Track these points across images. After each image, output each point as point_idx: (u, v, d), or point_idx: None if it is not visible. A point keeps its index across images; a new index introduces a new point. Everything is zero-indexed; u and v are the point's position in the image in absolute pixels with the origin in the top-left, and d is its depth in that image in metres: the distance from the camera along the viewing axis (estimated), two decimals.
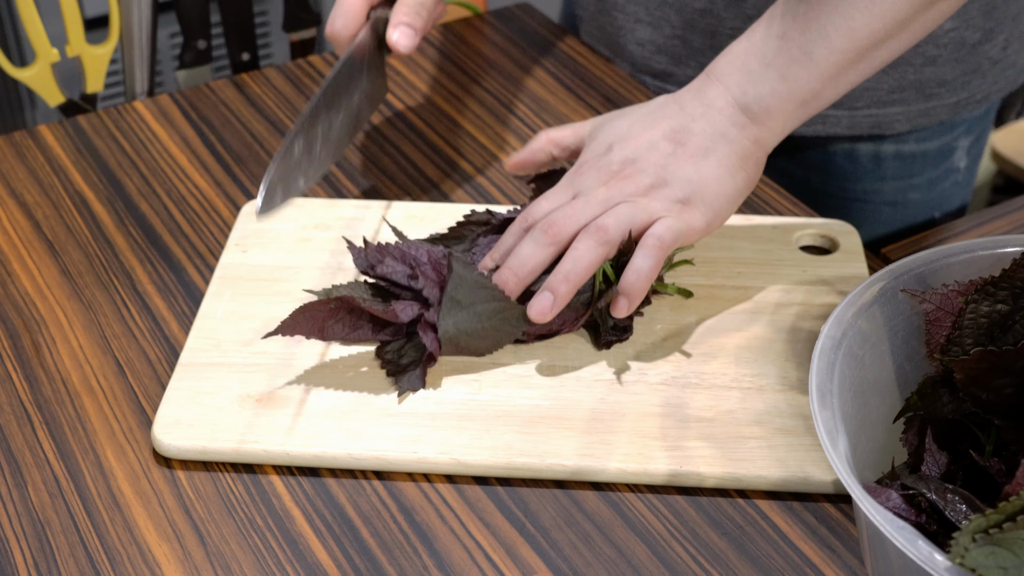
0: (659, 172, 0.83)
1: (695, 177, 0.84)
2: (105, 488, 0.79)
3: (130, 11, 1.21)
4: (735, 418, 0.81)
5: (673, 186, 0.83)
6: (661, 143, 0.84)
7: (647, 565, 0.74)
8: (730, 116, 0.85)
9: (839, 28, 0.82)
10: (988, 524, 0.58)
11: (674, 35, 1.12)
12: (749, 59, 0.84)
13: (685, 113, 0.85)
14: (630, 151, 0.84)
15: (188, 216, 1.01)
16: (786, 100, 0.84)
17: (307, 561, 0.74)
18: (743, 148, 0.85)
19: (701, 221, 0.84)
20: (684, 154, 0.84)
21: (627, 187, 0.83)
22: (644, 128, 0.85)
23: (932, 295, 0.72)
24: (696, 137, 0.84)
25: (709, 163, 0.84)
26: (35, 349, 0.89)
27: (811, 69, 0.83)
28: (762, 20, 0.85)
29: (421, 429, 0.80)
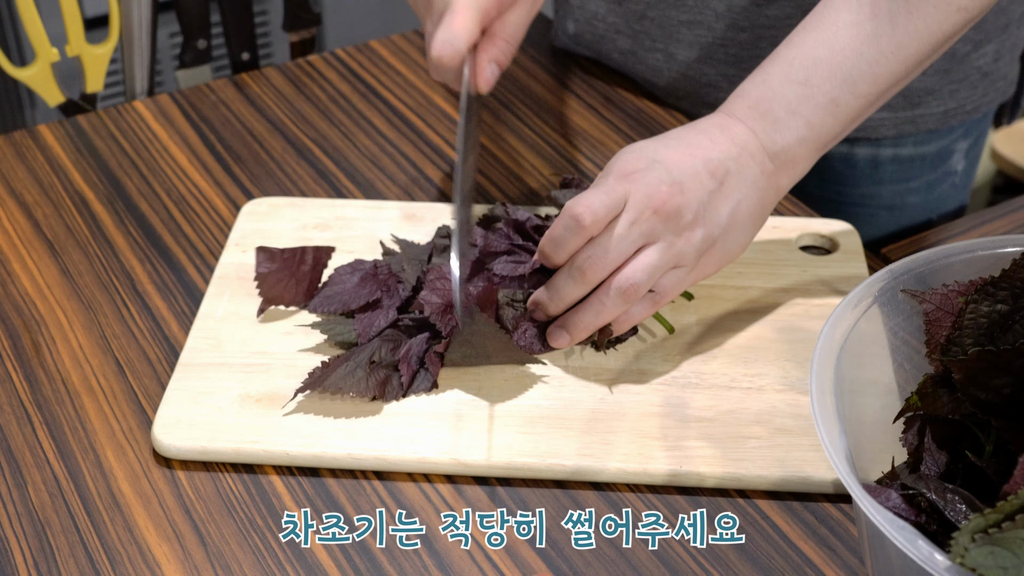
0: (700, 208, 0.81)
1: (727, 221, 0.83)
2: (105, 488, 0.79)
3: (130, 11, 1.21)
4: (735, 418, 0.81)
5: (708, 226, 0.82)
6: (701, 172, 0.82)
7: (647, 565, 0.74)
8: (760, 163, 0.84)
9: (864, 75, 0.82)
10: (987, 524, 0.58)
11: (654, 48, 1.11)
12: (773, 106, 0.83)
13: (718, 148, 0.83)
14: (676, 173, 0.81)
15: (188, 216, 1.01)
16: (810, 147, 0.84)
17: (307, 561, 0.74)
18: (766, 197, 0.85)
19: (712, 268, 0.85)
20: (721, 194, 0.82)
21: (671, 218, 0.81)
22: (680, 154, 0.83)
23: (932, 295, 0.72)
24: (732, 178, 0.83)
25: (740, 211, 0.83)
26: (35, 349, 0.89)
27: (836, 115, 0.83)
28: (776, 63, 0.84)
29: (421, 429, 0.80)
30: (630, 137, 1.10)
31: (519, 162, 1.07)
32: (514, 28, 0.87)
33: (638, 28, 1.11)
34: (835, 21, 0.83)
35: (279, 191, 1.04)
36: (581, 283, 0.81)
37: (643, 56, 1.12)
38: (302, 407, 0.82)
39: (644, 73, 1.14)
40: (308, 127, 1.11)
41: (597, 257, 0.80)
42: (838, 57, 0.82)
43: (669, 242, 0.81)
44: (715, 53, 1.08)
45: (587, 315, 0.83)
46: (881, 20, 0.81)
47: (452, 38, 0.82)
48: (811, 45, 0.83)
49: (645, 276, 0.81)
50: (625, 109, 1.14)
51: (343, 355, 0.83)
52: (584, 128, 1.11)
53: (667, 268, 0.82)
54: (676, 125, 1.11)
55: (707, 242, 0.82)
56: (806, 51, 0.83)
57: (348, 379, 0.81)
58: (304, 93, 1.16)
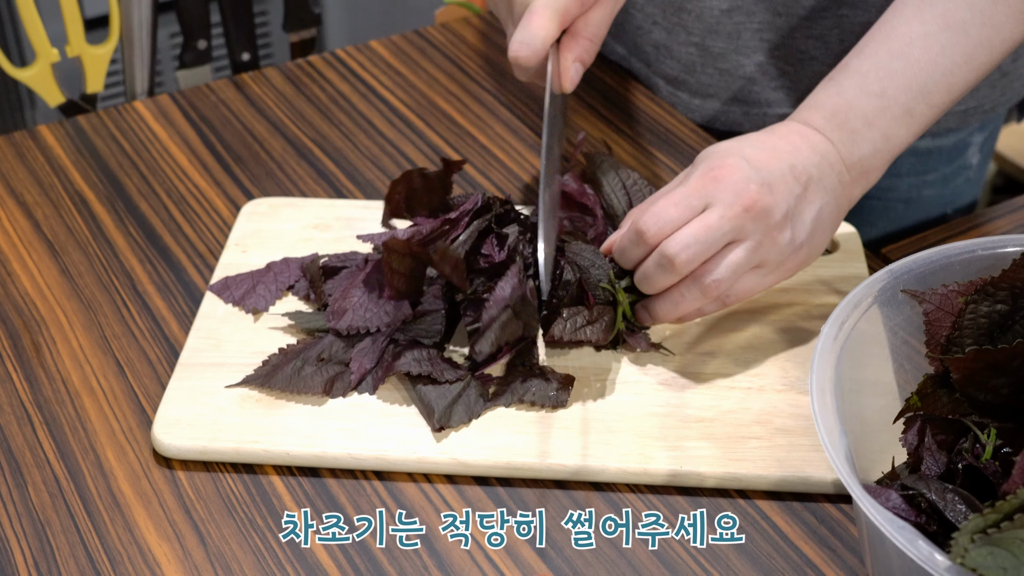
0: (789, 209, 0.81)
1: (810, 227, 0.83)
2: (105, 488, 0.79)
3: (130, 11, 1.21)
4: (735, 418, 0.81)
5: (795, 229, 0.82)
6: (788, 176, 0.82)
7: (647, 565, 0.74)
8: (839, 173, 0.84)
9: (939, 85, 0.83)
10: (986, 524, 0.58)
11: (689, 42, 1.12)
12: (850, 117, 0.84)
13: (802, 155, 0.83)
14: (765, 174, 0.81)
15: (188, 216, 1.01)
16: (885, 157, 0.85)
17: (307, 561, 0.74)
18: (841, 206, 0.85)
19: (789, 272, 0.84)
20: (806, 200, 0.82)
21: (761, 217, 0.80)
22: (767, 156, 0.82)
23: (932, 295, 0.72)
24: (815, 185, 0.83)
25: (821, 218, 0.83)
26: (35, 349, 0.89)
27: (910, 126, 0.84)
28: (848, 74, 0.85)
29: (421, 429, 0.80)
30: (630, 137, 1.10)
31: (519, 162, 1.07)
32: (597, 26, 0.88)
33: (675, 20, 1.11)
34: (907, 32, 0.84)
35: (279, 191, 1.04)
36: (671, 272, 0.80)
37: (676, 51, 1.12)
38: (302, 407, 0.82)
39: (674, 69, 1.14)
40: (308, 127, 1.11)
41: (688, 247, 0.79)
42: (913, 68, 0.83)
43: (757, 241, 0.81)
44: (750, 41, 1.09)
45: (665, 305, 0.83)
46: (954, 31, 0.83)
47: (529, 38, 0.83)
48: (885, 57, 0.84)
49: (729, 274, 0.81)
50: (625, 109, 1.14)
51: (291, 350, 0.84)
52: (584, 128, 1.11)
53: (749, 268, 0.82)
54: (678, 125, 1.11)
55: (792, 245, 0.82)
56: (880, 63, 0.84)
57: (294, 379, 0.82)
58: (304, 93, 1.16)
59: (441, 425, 0.80)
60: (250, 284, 0.90)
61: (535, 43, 0.84)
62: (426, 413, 0.80)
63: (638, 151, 1.08)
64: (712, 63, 1.11)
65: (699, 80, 1.13)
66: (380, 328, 0.84)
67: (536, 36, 0.84)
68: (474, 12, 1.28)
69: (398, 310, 0.84)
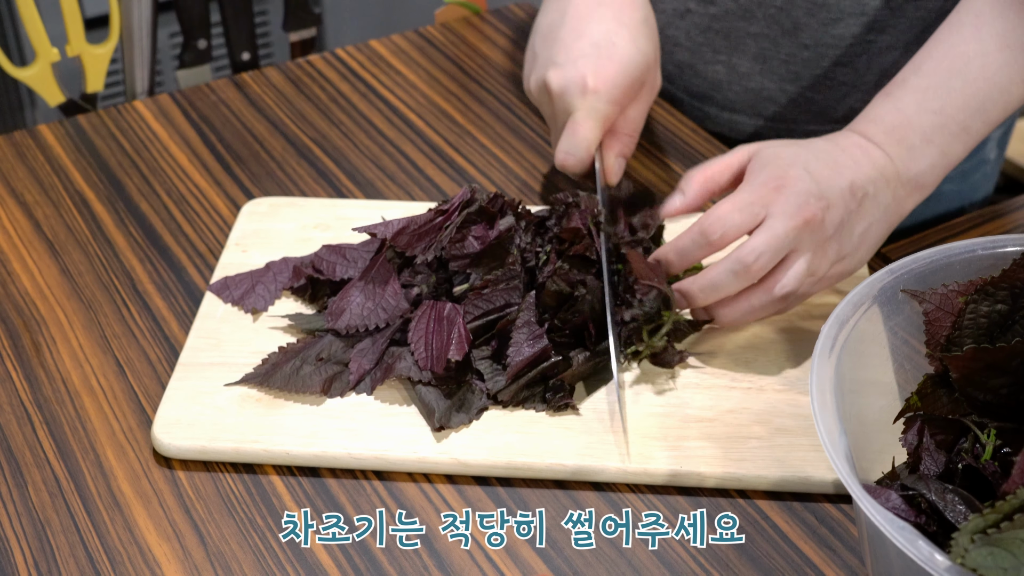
0: (839, 224, 0.83)
1: (857, 241, 0.85)
2: (105, 488, 0.79)
3: (130, 11, 1.21)
4: (735, 418, 0.81)
5: (841, 243, 0.84)
6: (846, 191, 0.84)
7: (647, 565, 0.74)
8: (895, 188, 0.86)
9: (997, 103, 0.85)
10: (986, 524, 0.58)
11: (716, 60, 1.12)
12: (909, 133, 0.85)
13: (861, 170, 0.85)
14: (824, 187, 0.83)
15: (188, 216, 1.01)
16: (940, 172, 0.87)
17: (307, 561, 0.74)
18: (892, 220, 0.87)
19: (833, 282, 0.86)
20: (858, 214, 0.84)
21: (816, 231, 0.82)
22: (830, 170, 0.84)
23: (932, 295, 0.72)
24: (869, 201, 0.84)
25: (870, 233, 0.85)
26: (35, 349, 0.89)
27: (966, 142, 0.86)
28: (907, 90, 0.86)
29: (421, 429, 0.80)
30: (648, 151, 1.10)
31: (519, 162, 1.07)
32: (635, 122, 0.96)
33: (700, 40, 1.11)
34: (965, 51, 0.85)
35: (279, 191, 1.04)
36: (745, 278, 0.82)
37: (702, 69, 1.13)
38: (302, 407, 0.82)
39: (701, 86, 1.14)
40: (308, 127, 1.11)
41: (761, 253, 0.81)
42: (971, 87, 0.85)
43: (812, 252, 0.83)
44: (777, 68, 1.09)
45: (735, 312, 0.84)
46: (1012, 50, 0.84)
47: (574, 148, 0.92)
48: (943, 75, 0.85)
49: (795, 282, 0.83)
50: None
51: (291, 349, 0.84)
52: None
53: (808, 277, 0.84)
54: (681, 128, 1.11)
55: (838, 257, 0.84)
56: (939, 80, 0.85)
57: (293, 378, 0.82)
58: (304, 93, 1.16)
59: (441, 425, 0.80)
60: (249, 284, 0.90)
61: (580, 152, 0.92)
62: (426, 413, 0.80)
63: (655, 163, 1.08)
64: (739, 81, 1.12)
65: (725, 96, 1.13)
66: (379, 326, 0.84)
67: (580, 146, 0.92)
68: (474, 12, 1.28)
69: (397, 308, 0.84)
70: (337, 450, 0.79)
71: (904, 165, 0.86)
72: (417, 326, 0.83)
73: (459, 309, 0.83)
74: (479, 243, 0.85)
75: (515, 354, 0.81)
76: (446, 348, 0.81)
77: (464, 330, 0.82)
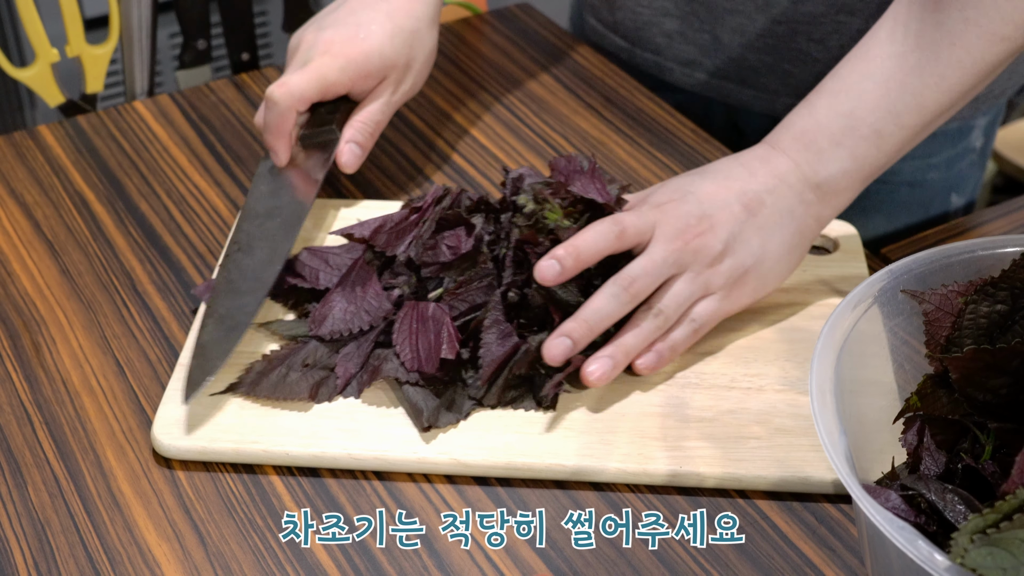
0: (729, 238, 0.83)
1: (759, 252, 0.84)
2: (105, 488, 0.79)
3: (130, 11, 1.21)
4: (735, 418, 0.81)
5: (737, 256, 0.84)
6: (734, 204, 0.84)
7: (647, 565, 0.74)
8: (799, 193, 0.85)
9: (909, 106, 0.83)
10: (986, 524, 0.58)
11: (703, 29, 1.12)
12: (817, 137, 0.85)
13: (756, 180, 0.85)
14: (707, 206, 0.84)
15: (188, 216, 1.01)
16: (854, 178, 0.85)
17: (307, 561, 0.74)
18: (805, 227, 0.86)
19: (748, 298, 0.86)
20: (754, 225, 0.84)
21: (700, 251, 0.83)
22: (716, 186, 0.85)
23: (932, 295, 0.72)
24: (767, 209, 0.84)
25: (774, 240, 0.85)
26: (35, 349, 0.89)
27: (880, 147, 0.84)
28: (822, 93, 0.85)
29: None
30: (630, 137, 1.10)
31: (520, 162, 1.07)
32: (372, 114, 0.98)
33: (687, 10, 1.13)
34: (879, 53, 0.84)
35: None
36: (625, 301, 0.81)
37: (692, 36, 1.14)
38: (302, 407, 0.82)
39: (691, 53, 1.15)
40: None
41: (637, 277, 0.81)
42: (882, 88, 0.83)
43: (696, 271, 0.83)
44: (755, 42, 1.10)
45: (628, 338, 0.82)
46: (925, 51, 0.82)
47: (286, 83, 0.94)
48: (856, 77, 0.84)
49: (674, 303, 0.83)
50: (625, 109, 1.14)
51: (276, 356, 0.83)
52: (584, 128, 1.11)
53: (696, 296, 0.84)
54: (678, 126, 1.11)
55: (738, 270, 0.84)
56: (851, 83, 0.84)
57: (280, 385, 0.81)
58: None
59: (429, 425, 0.79)
60: None
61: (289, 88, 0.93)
62: (414, 413, 0.80)
63: (638, 151, 1.08)
64: (724, 52, 1.12)
65: (714, 63, 1.14)
66: (362, 329, 0.84)
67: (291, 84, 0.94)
68: (474, 12, 1.28)
69: (379, 310, 0.84)
70: (337, 450, 0.79)
71: (812, 169, 0.85)
72: (400, 327, 0.83)
73: (444, 308, 0.83)
74: (451, 253, 0.85)
75: (486, 354, 0.81)
76: (437, 347, 0.81)
77: (453, 328, 0.82)
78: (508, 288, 0.83)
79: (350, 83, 0.97)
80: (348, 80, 0.96)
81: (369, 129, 0.98)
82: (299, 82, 0.94)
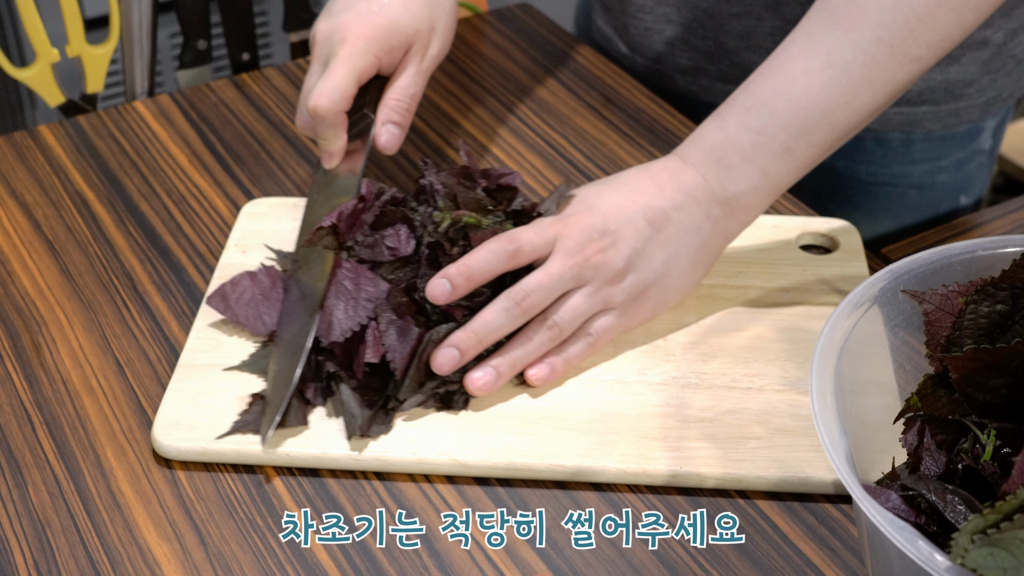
0: (631, 255, 0.84)
1: (661, 269, 0.85)
2: (105, 488, 0.79)
3: (130, 11, 1.21)
4: (735, 418, 0.81)
5: (639, 272, 0.84)
6: (639, 220, 0.84)
7: (647, 565, 0.74)
8: (707, 209, 0.85)
9: (819, 124, 0.83)
10: (986, 524, 0.58)
11: (705, 35, 1.12)
12: (728, 153, 0.84)
13: (664, 196, 0.85)
14: (611, 221, 0.84)
15: (188, 216, 1.01)
16: (763, 194, 0.85)
17: (307, 561, 0.74)
18: (711, 243, 0.86)
19: (648, 313, 0.87)
20: (658, 241, 0.84)
21: (601, 267, 0.83)
22: (623, 200, 0.85)
23: (932, 295, 0.72)
24: (672, 226, 0.84)
25: (679, 258, 0.85)
26: (35, 349, 0.89)
27: (790, 164, 0.84)
28: (733, 109, 0.85)
29: (421, 429, 0.80)
30: (630, 137, 1.10)
31: (519, 162, 1.07)
32: (404, 89, 0.95)
33: (690, 17, 1.12)
34: (792, 69, 0.83)
35: (279, 191, 1.04)
36: (517, 316, 0.82)
37: (695, 43, 1.14)
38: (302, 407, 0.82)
39: (695, 59, 1.15)
40: None
41: (531, 292, 0.82)
42: (793, 106, 0.83)
43: (596, 286, 0.83)
44: (763, 43, 1.10)
45: (516, 350, 0.83)
46: (836, 70, 0.82)
47: (326, 89, 0.90)
48: (768, 94, 0.84)
49: (570, 317, 0.83)
50: (625, 109, 1.14)
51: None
52: (584, 128, 1.11)
53: (594, 311, 0.84)
54: (676, 125, 1.11)
55: (639, 286, 0.84)
56: (763, 99, 0.84)
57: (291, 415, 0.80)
58: None
59: (362, 433, 0.79)
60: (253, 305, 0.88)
61: (330, 92, 0.90)
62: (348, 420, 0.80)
63: (638, 151, 1.08)
64: (728, 57, 1.12)
65: (718, 68, 1.13)
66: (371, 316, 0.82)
67: (330, 86, 0.90)
68: (474, 12, 1.28)
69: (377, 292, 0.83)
70: (337, 450, 0.79)
71: (721, 185, 0.85)
72: None
73: None
74: (391, 254, 0.86)
75: (394, 355, 0.81)
76: (362, 353, 0.81)
77: (375, 333, 0.81)
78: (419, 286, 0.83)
79: (377, 61, 0.93)
80: (375, 59, 0.93)
81: (404, 105, 0.95)
82: (334, 84, 0.90)
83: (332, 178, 0.94)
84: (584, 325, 0.84)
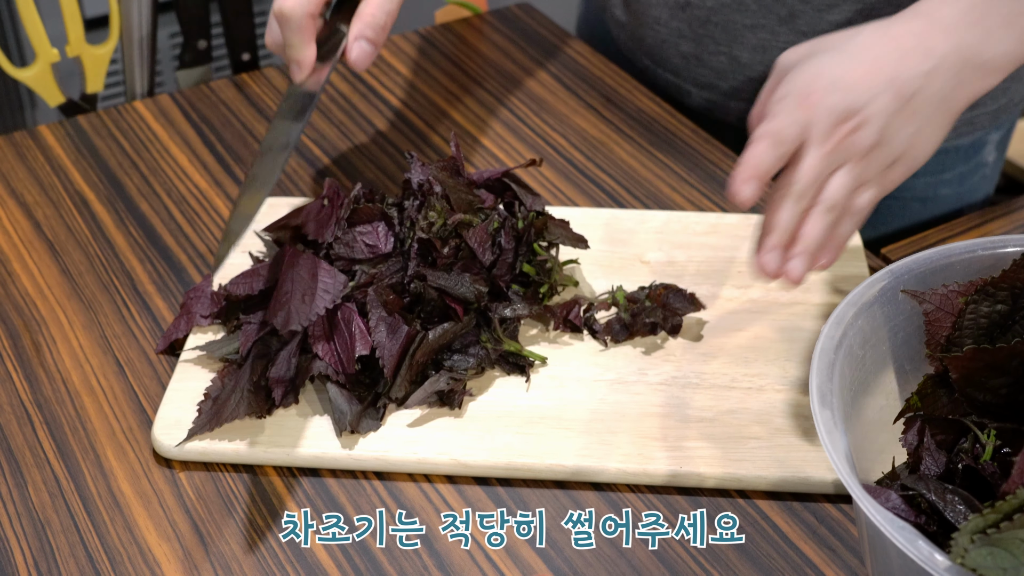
0: (881, 130, 0.80)
1: (912, 139, 0.81)
2: (105, 488, 0.79)
3: (130, 11, 1.21)
4: (735, 418, 0.81)
5: (891, 145, 0.81)
6: (887, 94, 0.80)
7: (647, 565, 0.74)
8: (957, 74, 0.81)
9: None
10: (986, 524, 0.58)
11: (718, 51, 1.12)
12: (987, 16, 0.81)
13: (910, 63, 0.80)
14: (857, 96, 0.79)
15: (188, 216, 1.01)
16: (1013, 62, 0.83)
17: (307, 561, 0.74)
18: (958, 109, 0.83)
19: (899, 179, 0.83)
20: (907, 112, 0.80)
21: (853, 147, 0.79)
22: (865, 71, 0.80)
23: (932, 295, 0.72)
24: (920, 96, 0.80)
25: (928, 128, 0.82)
26: (35, 349, 0.89)
27: None
28: None
29: (421, 429, 0.80)
30: (630, 137, 1.10)
31: (518, 161, 1.07)
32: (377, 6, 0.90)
33: (702, 32, 1.11)
34: None
35: (279, 191, 1.04)
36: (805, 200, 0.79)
37: (707, 59, 1.13)
38: (302, 408, 0.82)
39: (707, 76, 1.14)
40: (308, 127, 1.11)
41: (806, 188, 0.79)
42: None
43: (851, 165, 0.80)
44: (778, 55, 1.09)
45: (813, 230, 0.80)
46: None
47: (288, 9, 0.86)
48: None
49: (840, 197, 0.80)
50: (625, 109, 1.14)
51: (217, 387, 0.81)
52: (584, 128, 1.11)
53: (854, 187, 0.81)
54: (680, 128, 1.11)
55: (888, 158, 0.81)
56: None
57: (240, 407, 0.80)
58: None
59: (352, 429, 0.79)
60: None
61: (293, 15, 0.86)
62: (337, 417, 0.80)
63: (638, 151, 1.08)
64: (742, 71, 1.12)
65: (731, 85, 1.13)
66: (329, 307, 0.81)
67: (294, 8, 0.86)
68: (474, 12, 1.28)
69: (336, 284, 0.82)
70: (337, 450, 0.79)
71: (976, 51, 0.81)
72: (314, 331, 0.82)
73: (352, 307, 0.82)
74: (370, 251, 0.85)
75: (383, 351, 0.80)
76: (352, 346, 0.81)
77: (363, 325, 0.81)
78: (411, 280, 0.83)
79: None
80: None
81: (380, 21, 0.90)
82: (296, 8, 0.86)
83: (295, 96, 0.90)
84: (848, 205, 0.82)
